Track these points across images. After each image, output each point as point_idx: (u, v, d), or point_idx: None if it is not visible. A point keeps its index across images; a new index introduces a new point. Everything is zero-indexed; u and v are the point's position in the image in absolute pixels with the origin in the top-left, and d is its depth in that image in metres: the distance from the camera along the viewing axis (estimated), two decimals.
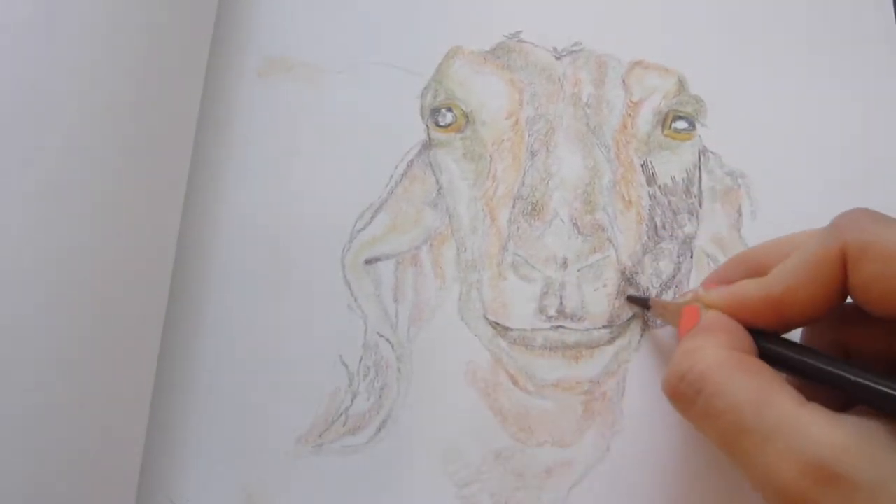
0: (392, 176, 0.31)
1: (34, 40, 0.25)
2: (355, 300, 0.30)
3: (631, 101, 0.31)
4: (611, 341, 0.29)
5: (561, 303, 0.29)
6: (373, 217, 0.31)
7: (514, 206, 0.30)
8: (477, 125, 0.31)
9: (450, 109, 0.32)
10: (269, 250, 0.31)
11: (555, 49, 0.32)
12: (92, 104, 0.26)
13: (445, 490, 0.27)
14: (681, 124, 0.31)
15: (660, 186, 0.30)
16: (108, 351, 0.26)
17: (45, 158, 0.24)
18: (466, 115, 0.31)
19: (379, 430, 0.28)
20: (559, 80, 0.32)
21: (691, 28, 0.33)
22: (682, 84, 0.32)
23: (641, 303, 0.28)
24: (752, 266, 0.25)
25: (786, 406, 0.19)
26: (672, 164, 0.31)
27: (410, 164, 0.31)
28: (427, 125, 0.32)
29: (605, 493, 0.27)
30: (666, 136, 0.31)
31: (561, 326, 0.29)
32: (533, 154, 0.31)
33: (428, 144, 0.32)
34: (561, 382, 0.28)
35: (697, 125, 0.31)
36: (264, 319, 0.30)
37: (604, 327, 0.29)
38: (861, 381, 0.20)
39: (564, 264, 0.29)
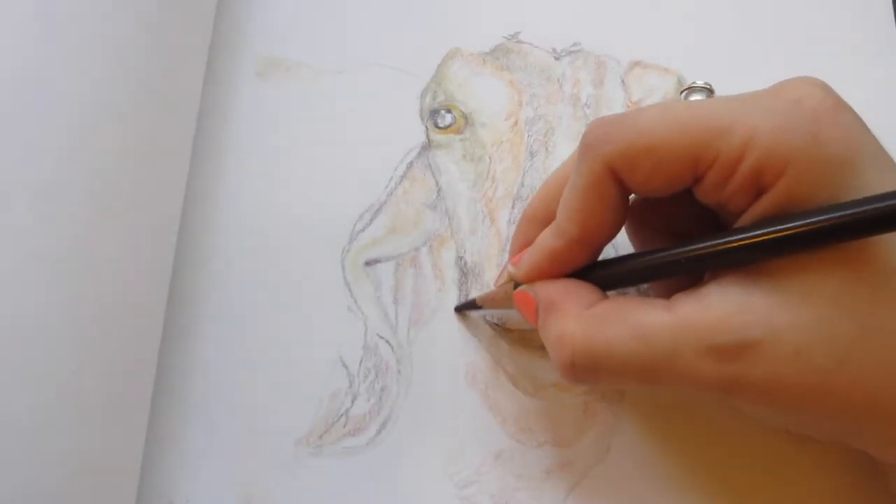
0: (391, 177, 0.31)
1: (33, 41, 0.25)
2: (355, 302, 0.30)
3: (630, 102, 0.31)
4: None
5: None
6: (372, 219, 0.31)
7: (513, 208, 0.30)
8: (476, 126, 0.31)
9: (449, 111, 0.32)
10: (269, 252, 0.31)
11: (554, 50, 0.32)
12: (91, 105, 0.26)
13: (446, 491, 0.27)
14: None
15: None
16: (107, 352, 0.26)
17: (44, 160, 0.24)
18: (466, 117, 0.31)
19: (379, 431, 0.28)
20: (558, 80, 0.32)
21: (690, 28, 0.32)
22: (681, 83, 0.32)
23: (470, 306, 0.28)
24: (541, 220, 0.24)
25: (661, 321, 0.20)
26: None
27: (410, 166, 0.31)
28: (426, 127, 0.32)
29: (606, 494, 0.27)
30: None
31: None
32: (532, 155, 0.31)
33: (427, 146, 0.31)
34: (560, 383, 0.28)
35: None
36: (264, 321, 0.30)
37: None
38: (691, 251, 0.20)
39: None
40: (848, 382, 0.18)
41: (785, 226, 0.19)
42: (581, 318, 0.22)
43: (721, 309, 0.19)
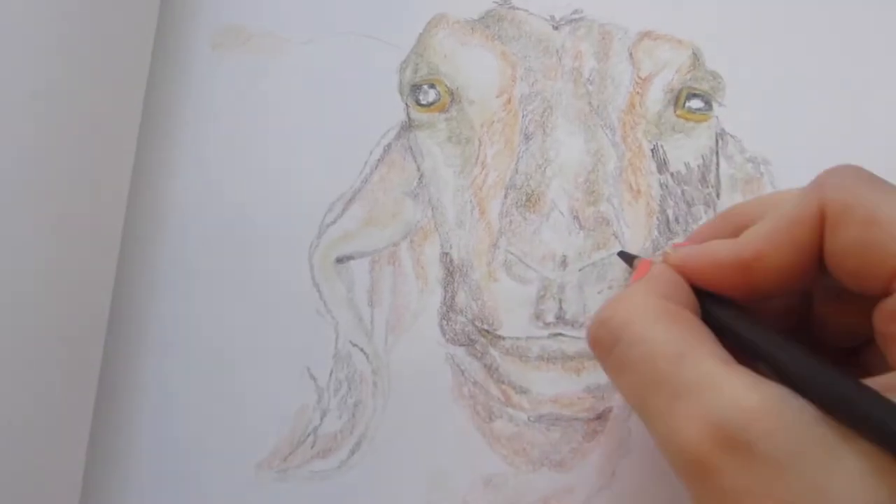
0: (366, 162, 0.30)
1: None
2: (325, 304, 0.29)
3: (639, 77, 0.30)
4: None
5: (560, 307, 0.28)
6: (344, 209, 0.30)
7: (506, 197, 0.29)
8: (464, 104, 0.30)
9: (433, 86, 0.31)
10: (226, 249, 0.30)
11: (552, 17, 0.31)
12: (23, 85, 0.26)
13: None
14: (696, 103, 0.30)
15: (672, 174, 0.30)
16: (39, 367, 0.25)
17: None
18: (452, 93, 0.31)
19: (352, 453, 0.28)
20: (557, 52, 0.31)
21: None
22: (696, 58, 0.31)
23: (629, 260, 0.28)
24: (737, 224, 0.24)
25: (705, 363, 0.19)
26: (686, 149, 0.30)
27: (387, 149, 0.30)
28: (407, 104, 0.31)
29: None
30: (679, 116, 0.30)
31: (560, 334, 0.28)
32: (528, 137, 0.30)
33: (407, 126, 0.31)
34: (560, 398, 0.28)
35: (714, 105, 0.30)
36: (220, 327, 0.29)
37: None
38: (794, 370, 0.19)
39: (564, 263, 0.28)
40: None
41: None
42: (650, 298, 0.21)
43: (764, 403, 0.18)
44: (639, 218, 0.29)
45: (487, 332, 0.28)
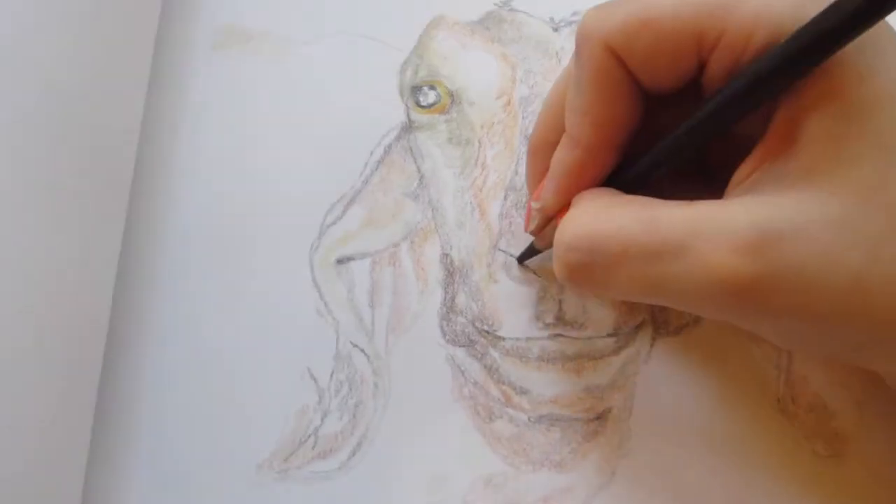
0: (367, 163, 0.30)
1: None
2: (325, 305, 0.29)
3: None
4: (617, 351, 0.28)
5: (560, 308, 0.28)
6: (345, 210, 0.30)
7: (506, 199, 0.29)
8: (464, 106, 0.30)
9: (433, 87, 0.30)
10: (226, 250, 0.30)
11: (552, 20, 0.31)
12: (24, 85, 0.25)
13: None
14: None
15: None
16: (41, 366, 0.25)
17: None
18: (452, 95, 0.30)
19: (353, 453, 0.27)
20: (557, 54, 0.30)
21: None
22: None
23: (530, 253, 0.28)
24: (551, 144, 0.24)
25: (678, 210, 0.19)
26: None
27: (388, 150, 0.30)
28: (407, 105, 0.30)
29: None
30: None
31: (560, 335, 0.28)
32: (528, 139, 0.29)
33: (408, 127, 0.30)
34: (560, 398, 0.27)
35: None
36: (220, 328, 0.29)
37: (609, 335, 0.28)
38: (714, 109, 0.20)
39: None
40: (883, 281, 0.18)
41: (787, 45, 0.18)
42: (587, 204, 0.21)
43: (744, 203, 0.19)
44: None
45: (487, 332, 0.28)
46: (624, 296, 0.21)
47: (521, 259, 0.28)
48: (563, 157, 0.22)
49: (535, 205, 0.24)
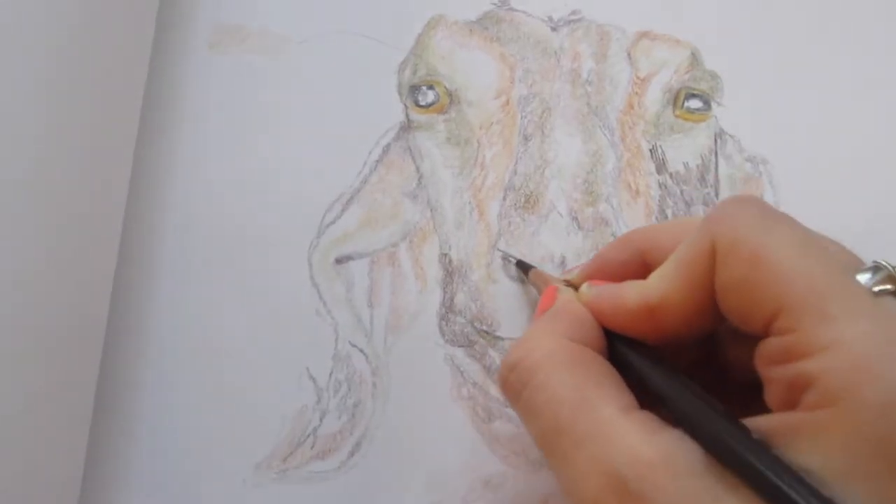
0: (365, 162, 0.30)
1: None
2: (324, 305, 0.29)
3: (637, 78, 0.30)
4: None
5: None
6: (343, 210, 0.30)
7: (504, 198, 0.29)
8: (462, 105, 0.30)
9: (431, 87, 0.30)
10: (225, 249, 0.30)
11: (550, 18, 0.31)
12: (21, 85, 0.25)
13: None
14: (694, 103, 0.30)
15: (671, 174, 0.29)
16: (39, 365, 0.25)
17: None
18: (450, 94, 0.30)
19: (352, 454, 0.27)
20: (555, 53, 0.31)
21: None
22: (695, 58, 0.31)
23: (525, 269, 0.28)
24: (637, 248, 0.24)
25: (605, 411, 0.19)
26: (685, 149, 0.30)
27: (386, 150, 0.30)
28: (405, 105, 0.31)
29: None
30: (677, 116, 0.30)
31: None
32: (526, 139, 0.30)
33: (406, 127, 0.30)
34: None
35: (713, 104, 0.30)
36: (218, 327, 0.29)
37: None
38: (685, 410, 0.19)
39: (563, 264, 0.28)
40: None
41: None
42: (559, 341, 0.21)
43: (661, 456, 0.18)
44: (638, 218, 0.29)
45: (486, 332, 0.28)
46: (530, 433, 0.21)
47: (519, 266, 0.28)
48: (627, 292, 0.22)
49: (584, 288, 0.23)
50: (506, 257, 0.28)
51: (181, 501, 0.27)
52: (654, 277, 0.21)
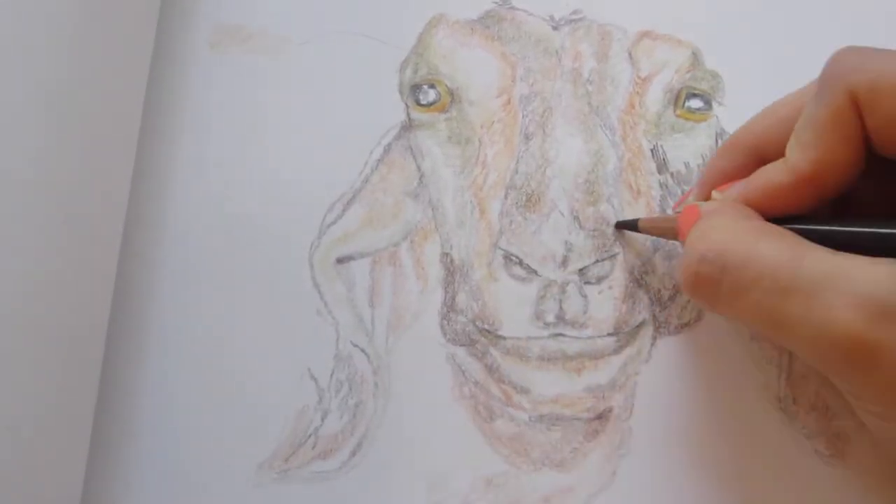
0: (367, 162, 0.30)
1: None
2: (325, 305, 0.29)
3: (638, 77, 0.30)
4: (617, 351, 0.28)
5: (560, 307, 0.28)
6: (345, 209, 0.29)
7: (506, 198, 0.29)
8: (464, 104, 0.30)
9: (433, 86, 0.30)
10: (226, 249, 0.30)
11: (551, 18, 0.31)
12: (23, 85, 0.25)
13: None
14: (695, 103, 0.30)
15: (672, 174, 0.29)
16: (41, 366, 0.25)
17: None
18: (452, 93, 0.30)
19: (353, 453, 0.27)
20: (557, 53, 0.30)
21: None
22: (696, 57, 0.30)
23: (631, 226, 0.28)
24: (751, 154, 0.24)
25: (823, 257, 0.19)
26: (686, 149, 0.30)
27: (388, 149, 0.30)
28: (407, 104, 0.30)
29: None
30: (679, 116, 0.30)
31: (560, 334, 0.28)
32: (528, 138, 0.30)
33: (408, 126, 0.30)
34: (561, 398, 0.27)
35: (714, 104, 0.30)
36: (220, 328, 0.29)
37: (609, 335, 0.28)
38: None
39: (564, 263, 0.28)
40: None
41: None
42: (736, 222, 0.21)
43: (892, 266, 0.18)
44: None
45: (488, 332, 0.28)
46: (740, 320, 0.21)
47: (619, 226, 0.28)
48: (771, 175, 0.22)
49: (716, 195, 0.24)
50: (621, 225, 0.28)
51: (183, 501, 0.27)
52: (795, 151, 0.21)
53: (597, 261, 0.28)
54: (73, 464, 0.26)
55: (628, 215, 0.28)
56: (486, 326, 0.28)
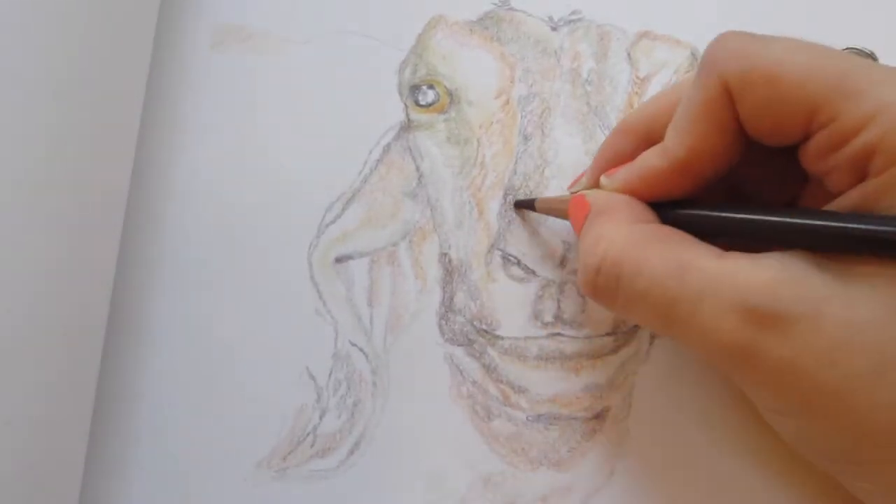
0: (366, 162, 0.30)
1: None
2: (324, 304, 0.29)
3: (637, 78, 0.30)
4: (615, 350, 0.28)
5: (558, 307, 0.28)
6: (344, 209, 0.29)
7: (505, 198, 0.29)
8: (462, 105, 0.30)
9: (432, 87, 0.30)
10: (225, 247, 0.29)
11: (550, 18, 0.31)
12: (22, 84, 0.25)
13: None
14: None
15: None
16: (38, 364, 0.25)
17: None
18: (451, 94, 0.30)
19: (351, 452, 0.27)
20: (556, 53, 0.30)
21: None
22: (695, 58, 0.30)
23: (528, 205, 0.28)
24: (641, 137, 0.24)
25: (706, 263, 0.20)
26: None
27: (387, 149, 0.30)
28: (406, 104, 0.30)
29: None
30: None
31: (558, 334, 0.28)
32: (526, 138, 0.29)
33: (407, 126, 0.30)
34: (558, 398, 0.27)
35: None
36: (218, 326, 0.29)
37: (607, 334, 0.28)
38: (777, 218, 0.20)
39: (562, 263, 0.28)
40: (878, 398, 0.18)
41: (885, 228, 0.18)
42: (626, 229, 0.22)
43: (774, 274, 0.19)
44: None
45: (486, 331, 0.28)
46: (640, 323, 0.23)
47: (518, 205, 0.28)
48: (650, 160, 0.22)
49: (604, 180, 0.24)
50: (513, 203, 0.28)
51: (181, 500, 0.27)
52: (672, 136, 0.22)
53: None
54: (72, 462, 0.26)
55: None
56: (484, 326, 0.28)
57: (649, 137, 0.24)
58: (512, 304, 0.28)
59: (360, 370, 0.28)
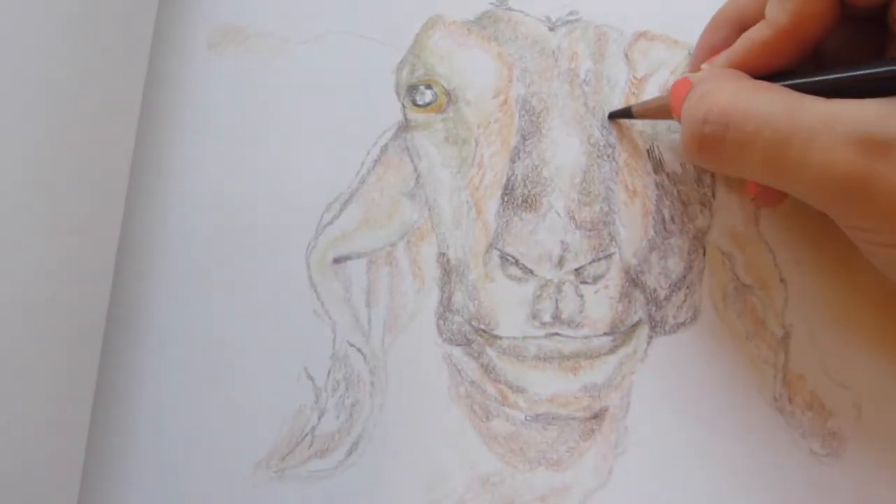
0: (363, 162, 0.30)
1: None
2: (322, 305, 0.29)
3: (635, 78, 0.30)
4: (613, 350, 0.28)
5: (556, 307, 0.28)
6: (342, 209, 0.29)
7: (503, 198, 0.29)
8: (460, 105, 0.30)
9: (429, 87, 0.30)
10: (223, 249, 0.29)
11: (548, 19, 0.31)
12: (21, 85, 0.25)
13: None
14: None
15: (668, 174, 0.29)
16: (38, 364, 0.25)
17: None
18: (448, 94, 0.30)
19: (350, 452, 0.27)
20: (553, 53, 0.30)
21: None
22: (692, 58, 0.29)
23: (625, 114, 0.28)
24: (735, 25, 0.25)
25: (816, 104, 0.20)
26: None
27: (384, 149, 0.30)
28: (403, 104, 0.30)
29: None
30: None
31: (556, 334, 0.28)
32: (524, 138, 0.29)
33: (405, 126, 0.30)
34: (557, 397, 0.27)
35: None
36: (218, 327, 0.29)
37: (605, 334, 0.28)
38: (881, 69, 0.20)
39: (560, 263, 0.28)
40: None
41: None
42: (732, 84, 0.22)
43: (883, 108, 0.19)
44: (635, 218, 0.28)
45: (484, 331, 0.28)
46: (746, 173, 0.22)
47: (613, 116, 0.29)
48: (753, 34, 0.23)
49: (705, 66, 0.25)
50: (615, 115, 0.29)
51: (180, 500, 0.27)
52: (774, 6, 0.22)
53: (593, 260, 0.28)
54: (71, 462, 0.26)
55: (624, 215, 0.28)
56: (482, 326, 0.28)
57: (741, 26, 0.24)
58: (510, 303, 0.28)
59: (359, 370, 0.28)
